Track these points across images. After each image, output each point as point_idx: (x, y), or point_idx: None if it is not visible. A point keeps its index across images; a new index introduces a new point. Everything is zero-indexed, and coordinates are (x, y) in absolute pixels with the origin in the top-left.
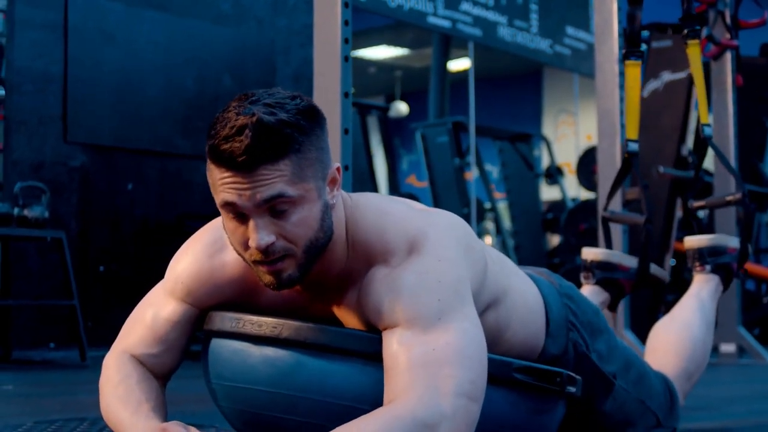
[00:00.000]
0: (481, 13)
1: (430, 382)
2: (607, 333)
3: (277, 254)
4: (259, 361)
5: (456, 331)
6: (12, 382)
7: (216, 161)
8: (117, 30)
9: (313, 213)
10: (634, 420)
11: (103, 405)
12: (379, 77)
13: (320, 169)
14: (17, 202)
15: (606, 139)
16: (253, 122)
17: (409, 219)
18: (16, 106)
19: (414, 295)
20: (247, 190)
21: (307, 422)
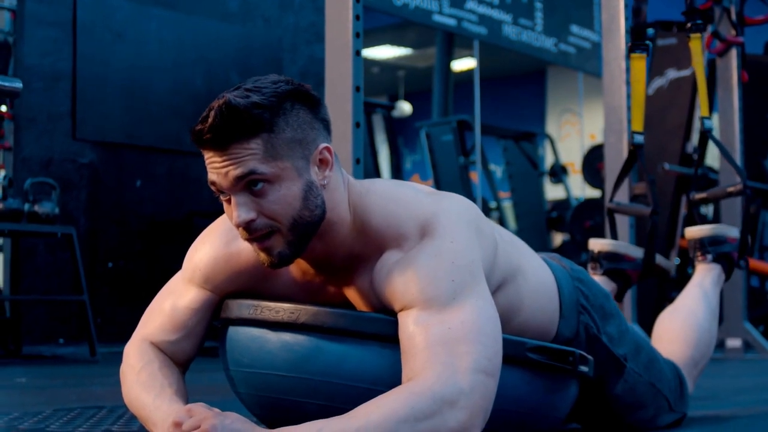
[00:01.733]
0: (486, 12)
1: (448, 359)
2: (618, 317)
3: (261, 231)
4: (277, 347)
5: (471, 309)
6: (25, 375)
7: (194, 142)
8: (125, 28)
9: (292, 191)
10: (645, 403)
11: (126, 391)
12: (382, 77)
13: (299, 150)
14: (27, 198)
15: (613, 134)
16: (221, 104)
17: (420, 203)
18: (26, 103)
19: (428, 277)
20: (222, 168)
21: (325, 405)
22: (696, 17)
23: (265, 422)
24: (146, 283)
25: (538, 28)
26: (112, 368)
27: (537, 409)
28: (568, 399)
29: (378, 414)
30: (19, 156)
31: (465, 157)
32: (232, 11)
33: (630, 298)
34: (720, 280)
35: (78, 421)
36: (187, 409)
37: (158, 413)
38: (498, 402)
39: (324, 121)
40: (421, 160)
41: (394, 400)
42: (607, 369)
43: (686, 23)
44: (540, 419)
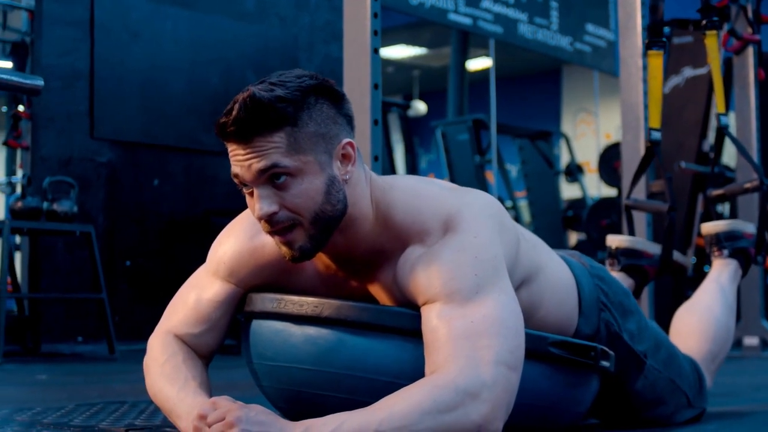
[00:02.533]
0: (502, 11)
1: (470, 352)
2: (638, 314)
3: (283, 224)
4: (300, 340)
5: (493, 303)
6: (45, 372)
7: (218, 135)
8: (143, 27)
9: (314, 185)
10: (665, 399)
11: (150, 383)
12: (397, 77)
13: (322, 144)
14: (46, 197)
15: (630, 132)
16: (245, 97)
17: (443, 199)
18: (44, 102)
19: (452, 271)
20: (245, 161)
21: (349, 399)
22: (712, 14)
23: (288, 415)
24: (164, 281)
25: (554, 26)
26: (131, 365)
27: (558, 404)
28: (589, 394)
29: (401, 406)
30: (38, 155)
31: (481, 156)
32: (249, 10)
33: (647, 296)
34: (737, 275)
35: (101, 416)
36: (211, 402)
37: (182, 405)
38: (520, 396)
39: (347, 116)
40: (436, 160)
41: (418, 393)
42: (627, 365)
43: (702, 20)
44: (561, 414)
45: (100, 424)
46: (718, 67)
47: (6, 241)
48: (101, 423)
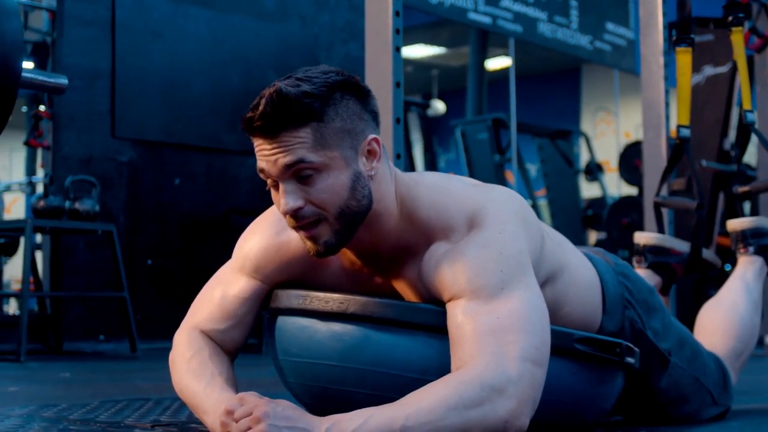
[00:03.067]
0: (522, 9)
1: (496, 348)
2: (662, 311)
3: (308, 219)
4: (326, 337)
5: (519, 299)
6: (68, 370)
7: (244, 130)
8: (163, 26)
9: (340, 180)
10: (689, 397)
11: (176, 379)
12: (415, 76)
13: (348, 140)
14: (68, 196)
15: (651, 130)
16: (272, 92)
17: (468, 195)
18: (65, 102)
19: (477, 267)
20: (271, 156)
21: (374, 395)
22: (737, 11)
23: (314, 411)
24: (185, 280)
25: (574, 25)
26: (153, 363)
27: (583, 400)
28: (614, 390)
29: (427, 402)
30: (59, 154)
31: (500, 155)
32: (269, 10)
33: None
34: (762, 272)
35: (126, 412)
36: (239, 397)
37: (209, 401)
38: (545, 392)
39: (373, 112)
40: (455, 159)
41: (444, 388)
42: (651, 363)
43: (727, 17)
44: (586, 410)
45: (126, 420)
46: (745, 64)
47: (28, 239)
48: (127, 419)
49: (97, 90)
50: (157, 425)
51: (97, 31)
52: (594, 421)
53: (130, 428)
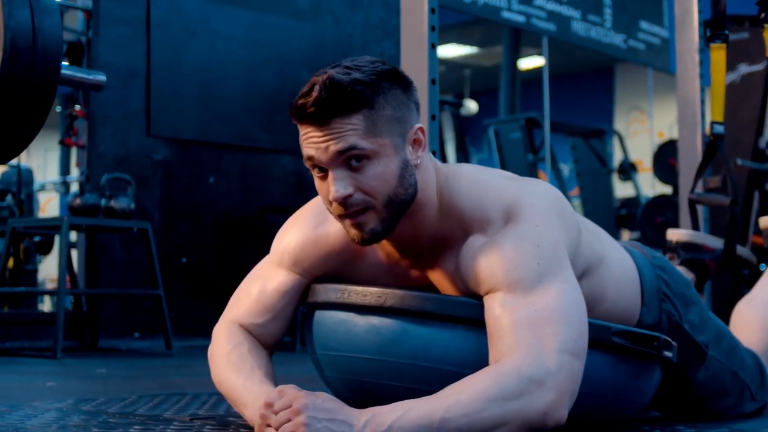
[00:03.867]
0: (555, 8)
1: (534, 340)
2: (699, 304)
3: (357, 207)
4: (364, 330)
5: (556, 292)
6: (104, 366)
7: (294, 117)
8: (198, 25)
9: (390, 168)
10: (727, 391)
11: (215, 372)
12: (448, 76)
13: (398, 128)
14: (104, 194)
15: (686, 128)
16: (324, 79)
17: (505, 188)
18: (101, 100)
19: (514, 260)
20: (322, 143)
21: (412, 388)
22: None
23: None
24: (219, 279)
25: (607, 24)
26: (189, 360)
27: (621, 394)
28: (652, 384)
29: (467, 394)
30: (95, 153)
31: (533, 155)
32: (303, 9)
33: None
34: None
35: (164, 406)
36: (278, 390)
37: (249, 395)
38: (583, 385)
39: (416, 103)
40: (488, 158)
41: (482, 380)
42: (688, 356)
43: (760, 13)
44: (624, 404)
45: (164, 413)
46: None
47: (65, 237)
48: (165, 413)
49: (132, 89)
50: (196, 419)
51: (133, 31)
52: (632, 417)
53: (168, 421)
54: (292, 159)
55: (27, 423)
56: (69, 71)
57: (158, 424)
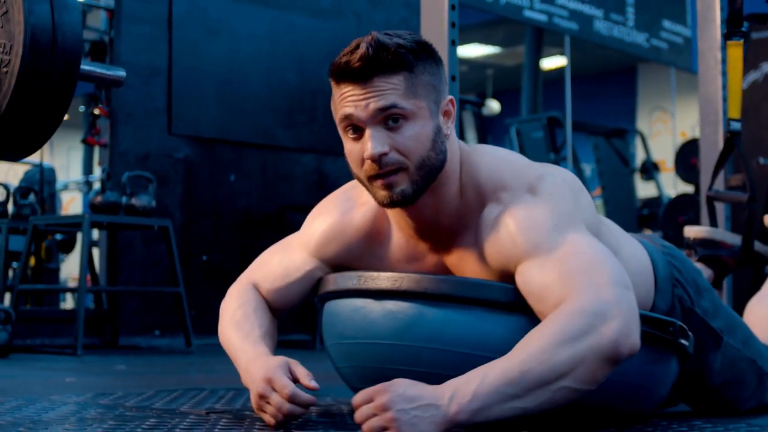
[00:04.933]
0: (577, 7)
1: (585, 281)
2: (711, 292)
3: (391, 166)
4: (380, 316)
5: (580, 242)
6: (124, 363)
7: (335, 76)
8: (220, 24)
9: (425, 131)
10: (745, 379)
11: (220, 329)
12: (470, 75)
13: (433, 94)
14: (125, 192)
15: (708, 126)
16: (370, 40)
17: (526, 166)
18: (123, 99)
19: (534, 227)
20: (363, 101)
21: (429, 373)
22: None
23: None
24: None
25: (630, 23)
26: (208, 358)
27: (638, 382)
28: (668, 374)
29: (537, 343)
30: (116, 151)
31: (555, 154)
32: (324, 7)
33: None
34: None
35: (181, 400)
36: (266, 380)
37: (243, 355)
38: None
39: (445, 78)
40: None
41: (549, 326)
42: (703, 342)
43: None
44: (641, 393)
45: (181, 407)
46: None
47: (86, 235)
48: (181, 407)
49: (154, 87)
50: (212, 412)
51: (154, 29)
52: (649, 410)
53: (185, 415)
54: (312, 157)
55: (44, 416)
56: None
57: (174, 417)
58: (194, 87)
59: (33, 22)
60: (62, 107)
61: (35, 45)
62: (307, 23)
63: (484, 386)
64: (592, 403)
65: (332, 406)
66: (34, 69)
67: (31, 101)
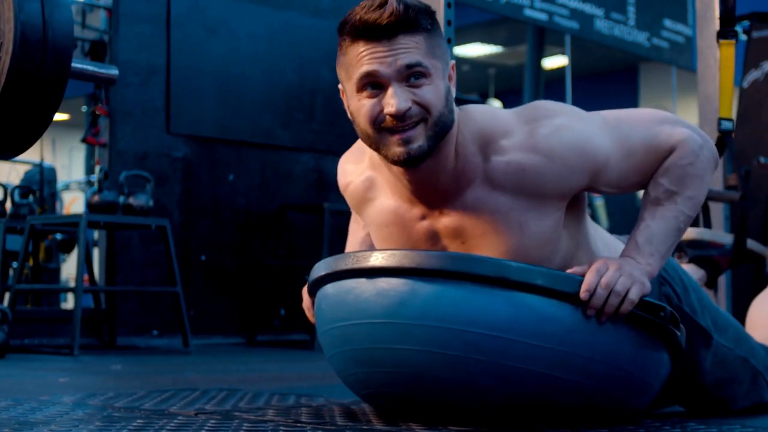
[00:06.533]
0: (578, 6)
1: (666, 131)
2: (699, 291)
3: (412, 120)
4: (372, 295)
5: (611, 112)
6: (120, 363)
7: (357, 34)
8: (219, 23)
9: (441, 88)
10: (738, 378)
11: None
12: (472, 75)
13: (444, 56)
14: (122, 191)
15: (708, 124)
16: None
17: (518, 108)
18: (121, 98)
19: (576, 141)
20: (388, 57)
21: (421, 350)
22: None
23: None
24: (238, 276)
25: (631, 22)
26: (205, 358)
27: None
28: (660, 365)
29: (672, 180)
30: (114, 149)
31: None
32: (324, 7)
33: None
34: None
35: (172, 401)
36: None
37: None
38: (595, 353)
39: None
40: None
41: (676, 165)
42: (693, 341)
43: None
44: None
45: (170, 408)
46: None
47: (83, 234)
48: (171, 407)
49: (152, 86)
50: (201, 413)
51: (153, 28)
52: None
53: (173, 416)
54: (312, 156)
55: (31, 417)
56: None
57: (162, 418)
58: (193, 86)
59: (23, 20)
60: (53, 106)
61: (25, 42)
62: (306, 22)
63: (654, 237)
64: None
65: (323, 407)
66: (25, 67)
67: (21, 99)
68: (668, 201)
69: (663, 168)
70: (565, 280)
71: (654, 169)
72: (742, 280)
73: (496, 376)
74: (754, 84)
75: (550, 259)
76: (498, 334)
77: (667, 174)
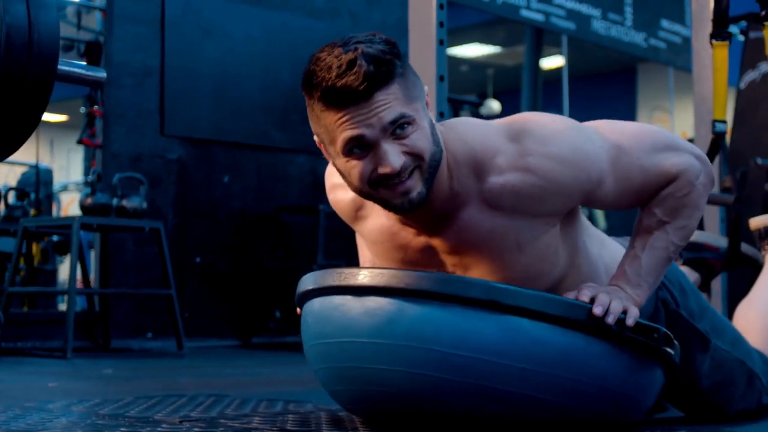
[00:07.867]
0: (575, 6)
1: (669, 161)
2: (697, 295)
3: (407, 170)
4: (359, 313)
5: (607, 122)
6: (112, 366)
7: (331, 102)
8: (214, 24)
9: (425, 130)
10: (735, 380)
11: None
12: (470, 75)
13: (419, 90)
14: (116, 193)
15: (704, 126)
16: (360, 54)
17: (506, 120)
18: (115, 99)
19: (568, 158)
20: (371, 118)
21: (407, 372)
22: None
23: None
24: (233, 278)
25: (628, 22)
26: (199, 361)
27: (621, 390)
28: (653, 383)
29: (668, 208)
30: (108, 151)
31: None
32: (320, 7)
33: (720, 293)
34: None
35: (157, 408)
36: None
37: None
38: (585, 374)
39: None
40: None
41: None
42: (691, 345)
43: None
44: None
45: (155, 415)
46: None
47: (76, 236)
48: (156, 414)
49: (146, 88)
50: (186, 421)
51: (147, 29)
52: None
53: (157, 423)
54: (307, 158)
55: (12, 425)
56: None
57: (146, 426)
58: (188, 87)
59: (8, 22)
60: (39, 108)
61: (11, 45)
62: (301, 23)
63: (645, 267)
64: (576, 412)
65: (310, 414)
66: (10, 69)
67: (6, 102)
68: (660, 231)
69: (659, 198)
70: (557, 303)
71: (650, 194)
72: (737, 284)
73: (483, 399)
74: (751, 85)
75: (550, 273)
76: (487, 357)
77: (663, 204)
